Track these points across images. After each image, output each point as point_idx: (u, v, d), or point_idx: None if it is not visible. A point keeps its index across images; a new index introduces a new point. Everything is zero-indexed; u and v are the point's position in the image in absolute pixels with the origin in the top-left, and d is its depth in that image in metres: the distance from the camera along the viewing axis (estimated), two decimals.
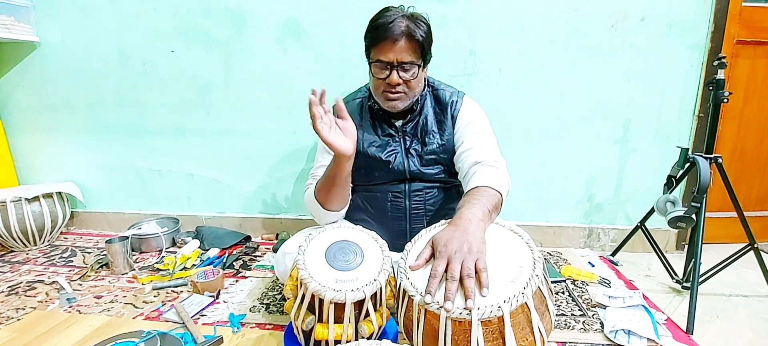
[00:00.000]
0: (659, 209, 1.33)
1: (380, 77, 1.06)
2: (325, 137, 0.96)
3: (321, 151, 1.25)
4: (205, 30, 1.68)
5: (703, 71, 1.51)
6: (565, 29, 1.52)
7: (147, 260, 1.62)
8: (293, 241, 1.12)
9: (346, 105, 1.18)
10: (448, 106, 1.15)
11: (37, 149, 1.94)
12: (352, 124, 1.02)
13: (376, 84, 1.09)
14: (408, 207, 1.18)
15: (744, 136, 1.65)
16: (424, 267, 0.80)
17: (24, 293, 1.35)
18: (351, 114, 1.17)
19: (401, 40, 1.01)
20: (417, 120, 1.15)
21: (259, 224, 1.87)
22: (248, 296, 1.31)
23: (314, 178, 1.22)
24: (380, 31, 1.02)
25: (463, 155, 1.10)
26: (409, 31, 1.01)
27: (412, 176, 1.16)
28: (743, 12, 1.50)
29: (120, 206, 1.97)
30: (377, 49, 1.05)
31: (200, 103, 1.77)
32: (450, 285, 0.73)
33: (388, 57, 1.03)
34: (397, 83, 1.04)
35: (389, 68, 1.04)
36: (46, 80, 1.84)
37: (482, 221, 0.85)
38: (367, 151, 1.16)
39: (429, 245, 0.83)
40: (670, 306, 1.25)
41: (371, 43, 1.06)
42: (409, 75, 1.05)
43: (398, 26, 1.01)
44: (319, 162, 1.24)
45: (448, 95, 1.16)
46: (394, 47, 1.02)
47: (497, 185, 0.97)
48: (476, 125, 1.14)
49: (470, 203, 0.90)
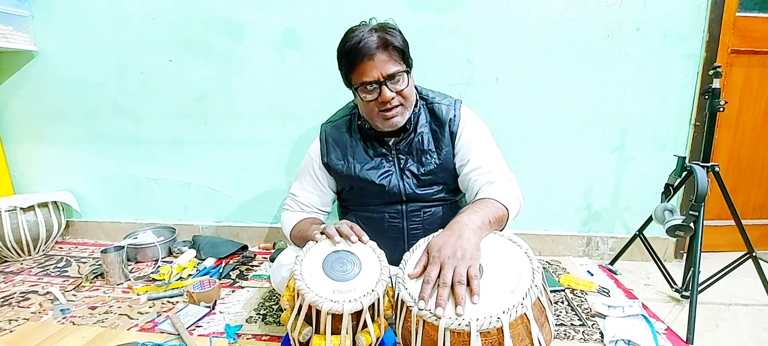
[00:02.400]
0: (657, 218, 1.33)
1: (370, 99, 0.98)
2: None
3: (304, 173, 1.19)
4: (203, 40, 1.69)
5: (699, 80, 1.52)
6: (562, 39, 1.53)
7: (143, 270, 1.61)
8: (290, 251, 1.11)
9: (333, 124, 1.16)
10: (445, 122, 1.08)
11: (34, 158, 1.94)
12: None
13: (367, 108, 1.01)
14: (406, 228, 1.13)
15: (740, 144, 1.66)
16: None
17: (17, 304, 1.33)
18: (339, 133, 1.13)
19: (378, 53, 0.95)
20: (411, 138, 1.08)
21: (256, 233, 1.86)
22: (245, 307, 1.30)
23: (295, 201, 1.19)
24: (353, 53, 0.96)
25: (472, 174, 1.04)
26: (384, 42, 0.95)
27: (409, 197, 1.11)
28: (737, 22, 1.52)
29: (116, 216, 1.95)
30: (357, 73, 0.98)
31: (198, 113, 1.77)
32: (441, 291, 0.73)
33: (371, 76, 0.96)
34: (390, 98, 0.97)
35: (377, 87, 0.97)
36: (43, 89, 1.84)
37: (480, 228, 0.84)
38: (358, 174, 1.09)
39: (425, 252, 0.83)
40: (669, 315, 1.25)
41: (348, 69, 0.99)
42: (400, 86, 0.98)
43: (371, 41, 0.94)
44: (302, 186, 1.19)
45: (444, 110, 1.09)
46: (373, 63, 0.95)
47: (505, 199, 0.94)
48: (479, 140, 1.08)
49: (470, 210, 0.89)
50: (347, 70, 1.00)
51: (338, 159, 1.12)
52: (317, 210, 1.20)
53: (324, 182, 1.18)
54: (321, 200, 1.19)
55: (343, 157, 1.12)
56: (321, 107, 1.68)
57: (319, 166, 1.16)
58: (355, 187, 1.14)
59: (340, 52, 1.00)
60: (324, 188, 1.19)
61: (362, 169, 1.10)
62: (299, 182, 1.20)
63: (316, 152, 1.17)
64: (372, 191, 1.11)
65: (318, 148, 1.17)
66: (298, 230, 1.12)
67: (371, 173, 1.09)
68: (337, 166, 1.12)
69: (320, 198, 1.19)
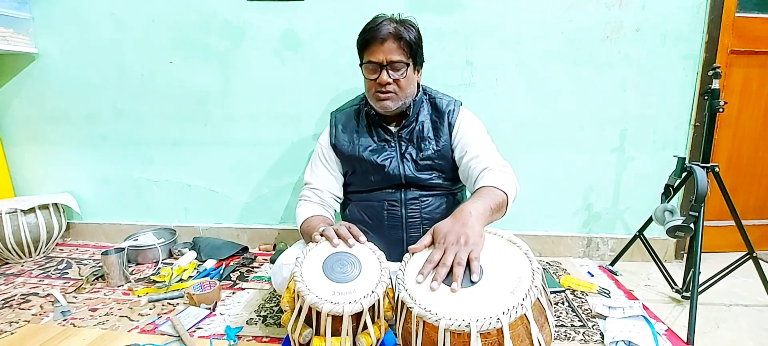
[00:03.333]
0: (657, 218, 1.33)
1: (371, 78, 1.11)
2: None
3: (315, 160, 1.27)
4: (203, 42, 1.69)
5: (698, 81, 1.52)
6: (561, 40, 1.54)
7: (143, 272, 1.61)
8: (290, 252, 1.12)
9: (343, 112, 1.27)
10: (445, 113, 1.19)
11: (34, 160, 1.94)
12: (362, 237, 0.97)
13: (368, 85, 1.14)
14: (404, 216, 1.18)
15: (740, 144, 1.66)
16: (424, 280, 0.80)
17: (18, 306, 1.33)
18: (348, 119, 1.24)
19: (389, 40, 1.07)
20: (412, 126, 1.19)
21: (256, 234, 1.86)
22: (245, 309, 1.30)
23: (309, 189, 1.25)
24: (369, 33, 1.09)
25: (471, 163, 1.12)
26: (397, 32, 1.07)
27: (408, 180, 1.18)
28: (736, 22, 1.52)
29: (117, 217, 1.95)
30: (368, 52, 1.10)
31: (198, 114, 1.77)
32: (440, 269, 0.78)
33: (377, 57, 1.08)
34: (387, 83, 1.08)
35: (379, 68, 1.09)
36: (43, 91, 1.84)
37: (482, 215, 0.89)
38: (362, 155, 1.19)
39: (430, 233, 0.88)
40: (670, 316, 1.25)
41: (362, 46, 1.12)
42: (399, 74, 1.09)
43: (386, 28, 1.07)
44: (313, 171, 1.27)
45: (445, 103, 1.20)
46: (383, 48, 1.07)
47: (503, 185, 1.00)
48: (476, 133, 1.18)
49: (473, 198, 0.95)
50: (361, 47, 1.13)
51: (345, 141, 1.22)
52: (330, 195, 1.25)
53: (333, 163, 1.27)
54: (333, 182, 1.26)
55: (349, 140, 1.22)
56: (320, 109, 1.69)
57: (327, 148, 1.26)
58: (357, 169, 1.22)
59: (362, 29, 1.13)
60: (334, 170, 1.27)
61: (366, 151, 1.19)
62: (311, 169, 1.29)
63: (326, 137, 1.27)
64: (373, 173, 1.19)
65: (327, 132, 1.27)
66: (307, 226, 1.14)
67: (374, 155, 1.18)
68: (343, 147, 1.22)
69: (331, 181, 1.26)
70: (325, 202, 1.24)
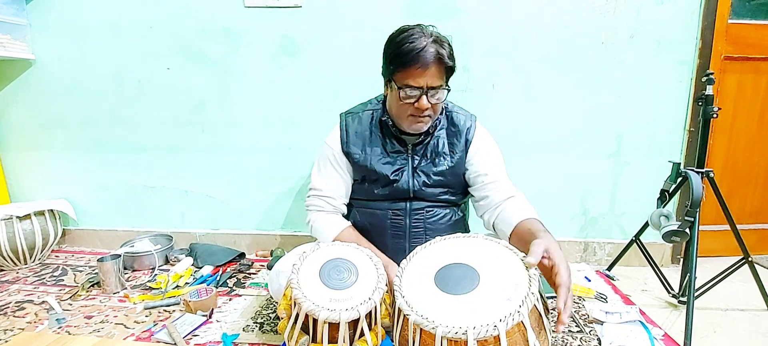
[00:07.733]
0: (653, 223, 1.33)
1: (408, 102, 1.02)
2: None
3: (324, 164, 1.20)
4: (201, 48, 1.69)
5: (693, 87, 1.54)
6: (557, 46, 1.55)
7: (139, 279, 1.60)
8: (287, 259, 1.11)
9: (355, 115, 1.19)
10: (463, 131, 1.15)
11: (30, 166, 1.93)
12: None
13: (402, 108, 1.05)
14: (408, 226, 1.16)
15: (735, 150, 1.67)
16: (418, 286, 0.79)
17: (12, 313, 1.32)
18: (360, 124, 1.17)
19: (433, 66, 0.99)
20: (429, 141, 1.14)
21: (253, 240, 1.85)
22: (242, 315, 1.29)
23: (319, 197, 1.19)
24: (411, 57, 0.98)
25: (491, 186, 1.11)
26: (440, 56, 0.99)
27: (415, 194, 1.15)
28: (730, 29, 1.54)
29: (113, 224, 1.94)
30: (406, 74, 1.00)
31: (195, 120, 1.77)
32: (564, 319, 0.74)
33: (418, 83, 0.99)
34: (426, 108, 1.02)
35: (418, 93, 1.01)
36: (40, 98, 1.84)
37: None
38: (374, 166, 1.14)
39: (542, 246, 0.82)
40: (667, 321, 1.25)
41: (399, 67, 1.01)
42: (436, 99, 1.03)
43: (430, 53, 0.98)
44: (323, 177, 1.19)
45: (462, 119, 1.16)
46: (426, 73, 0.99)
47: (536, 215, 1.04)
48: (493, 155, 1.16)
49: (547, 233, 0.91)
50: (398, 67, 1.01)
51: (357, 149, 1.15)
52: (342, 202, 1.21)
53: (344, 168, 1.19)
54: (344, 188, 1.20)
55: (361, 149, 1.15)
56: (318, 114, 1.69)
57: (339, 152, 1.18)
58: (367, 178, 1.17)
59: (396, 45, 1.02)
60: (345, 175, 1.20)
61: (378, 163, 1.14)
62: (320, 174, 1.20)
63: (336, 141, 1.18)
64: (382, 185, 1.15)
65: (337, 136, 1.18)
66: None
67: (386, 168, 1.13)
68: (355, 155, 1.15)
69: (342, 187, 1.20)
70: (337, 209, 1.20)
